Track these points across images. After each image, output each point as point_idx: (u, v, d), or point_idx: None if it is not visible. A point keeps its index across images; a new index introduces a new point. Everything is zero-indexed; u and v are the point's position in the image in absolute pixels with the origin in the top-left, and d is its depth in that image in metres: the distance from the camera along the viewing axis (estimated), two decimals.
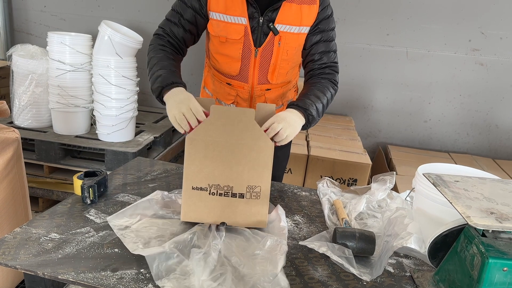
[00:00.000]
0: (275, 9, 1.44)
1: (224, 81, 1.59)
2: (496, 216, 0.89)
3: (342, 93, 3.49)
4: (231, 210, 1.21)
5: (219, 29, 1.47)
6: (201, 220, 1.22)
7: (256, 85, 1.56)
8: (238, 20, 1.44)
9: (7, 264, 1.01)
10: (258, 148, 1.18)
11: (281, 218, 1.28)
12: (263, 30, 1.46)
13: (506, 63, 3.21)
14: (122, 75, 2.46)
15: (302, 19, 1.47)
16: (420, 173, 1.22)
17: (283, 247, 1.13)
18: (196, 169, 1.19)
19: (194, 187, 1.20)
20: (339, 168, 2.55)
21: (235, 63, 1.52)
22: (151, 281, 0.97)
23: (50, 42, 2.52)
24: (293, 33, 1.48)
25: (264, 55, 1.50)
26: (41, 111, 2.69)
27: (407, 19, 3.23)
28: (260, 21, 1.45)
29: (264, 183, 1.21)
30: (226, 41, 1.48)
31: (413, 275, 1.09)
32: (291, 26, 1.47)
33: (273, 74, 1.54)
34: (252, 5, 1.43)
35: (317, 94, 1.45)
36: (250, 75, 1.54)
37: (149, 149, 2.73)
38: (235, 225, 1.22)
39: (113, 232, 1.17)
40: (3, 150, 1.63)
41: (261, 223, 1.23)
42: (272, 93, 1.61)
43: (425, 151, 3.34)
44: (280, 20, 1.45)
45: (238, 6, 1.43)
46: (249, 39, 1.47)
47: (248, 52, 1.49)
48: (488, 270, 0.85)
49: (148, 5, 3.49)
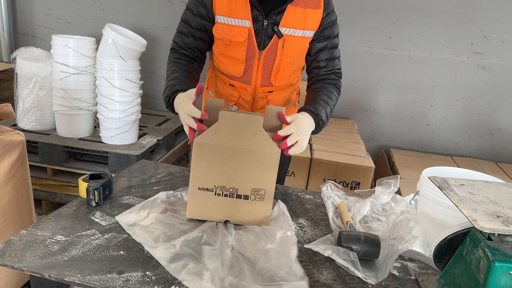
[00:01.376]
0: (279, 12, 1.45)
1: (227, 82, 1.60)
2: (503, 219, 0.89)
3: (345, 96, 3.50)
4: (236, 209, 1.24)
5: (223, 32, 1.48)
6: (206, 218, 1.25)
7: (258, 87, 1.57)
8: (242, 23, 1.45)
9: (13, 266, 1.01)
10: (265, 154, 1.19)
11: (284, 211, 1.35)
12: (267, 33, 1.47)
13: (508, 66, 3.21)
14: (125, 78, 2.47)
15: (307, 23, 1.48)
16: (425, 177, 1.23)
17: (293, 238, 1.19)
18: (203, 171, 1.22)
19: (200, 187, 1.23)
20: (342, 171, 2.55)
21: (239, 65, 1.53)
22: (157, 284, 0.98)
23: (54, 45, 2.53)
24: (297, 37, 1.49)
25: (268, 57, 1.51)
26: (45, 114, 2.70)
27: (410, 22, 3.24)
28: (265, 24, 1.46)
29: (269, 186, 1.22)
30: (230, 43, 1.49)
31: (418, 279, 1.09)
32: (295, 30, 1.47)
33: (276, 76, 1.55)
34: (256, 8, 1.44)
35: (325, 99, 1.46)
36: (253, 77, 1.55)
37: (152, 152, 2.74)
38: (239, 223, 1.25)
39: (119, 234, 1.17)
40: (8, 152, 1.63)
41: (264, 221, 1.26)
42: (274, 96, 1.62)
43: (428, 155, 3.34)
44: (285, 24, 1.46)
45: (242, 9, 1.44)
46: (253, 41, 1.48)
47: (252, 54, 1.50)
48: (494, 273, 0.85)
49: (152, 9, 3.51)
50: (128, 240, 1.15)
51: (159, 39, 3.48)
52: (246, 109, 1.64)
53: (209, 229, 1.19)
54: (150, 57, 3.49)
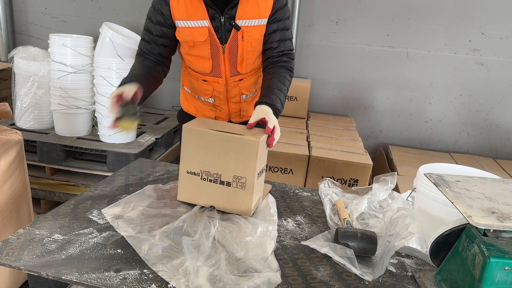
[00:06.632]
0: (233, 7, 1.52)
1: (200, 78, 1.69)
2: (497, 215, 0.90)
3: (343, 94, 3.50)
4: (219, 196, 1.32)
5: (185, 35, 1.56)
6: (193, 202, 1.35)
7: (229, 78, 1.66)
8: (201, 23, 1.53)
9: (11, 265, 1.01)
10: (244, 141, 1.27)
11: (271, 206, 1.39)
12: (226, 27, 1.55)
13: (506, 63, 3.21)
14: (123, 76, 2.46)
15: (260, 11, 1.55)
16: (421, 173, 1.23)
17: (273, 233, 1.23)
18: (190, 155, 1.32)
19: (188, 171, 1.33)
20: (340, 169, 2.55)
21: (206, 62, 1.61)
22: (154, 282, 0.98)
23: (51, 44, 2.52)
24: (254, 26, 1.57)
25: (231, 50, 1.59)
26: (43, 113, 2.69)
27: (407, 19, 3.23)
28: (222, 20, 1.53)
29: (249, 175, 1.28)
30: (194, 44, 1.57)
31: (415, 275, 1.10)
32: (251, 20, 1.55)
33: (242, 65, 1.63)
34: (211, 7, 1.51)
35: (279, 87, 1.53)
36: (222, 70, 1.64)
37: (151, 150, 2.74)
38: (223, 210, 1.33)
39: (116, 233, 1.18)
40: (5, 152, 1.63)
41: (246, 212, 1.31)
42: (244, 82, 1.71)
43: (426, 151, 3.34)
44: (240, 16, 1.53)
45: (198, 10, 1.52)
46: (214, 38, 1.56)
47: (216, 50, 1.58)
48: (490, 269, 0.86)
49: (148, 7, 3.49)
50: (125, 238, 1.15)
51: None
52: (221, 99, 1.72)
53: (191, 219, 1.22)
54: None
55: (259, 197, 1.39)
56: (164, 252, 1.08)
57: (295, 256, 1.15)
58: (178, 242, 1.12)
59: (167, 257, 1.07)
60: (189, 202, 1.35)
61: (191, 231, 1.17)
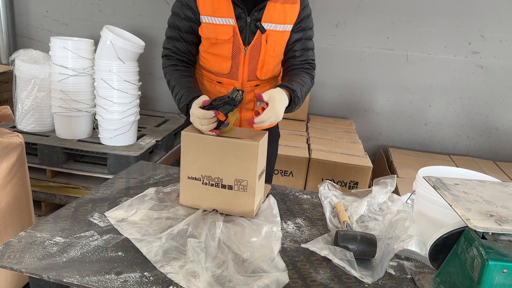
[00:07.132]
0: (260, 9, 1.51)
1: (214, 80, 1.65)
2: (496, 218, 0.90)
3: (343, 96, 3.51)
4: (222, 199, 1.33)
5: (208, 31, 1.53)
6: (196, 206, 1.36)
7: (245, 82, 1.62)
8: (227, 21, 1.51)
9: (12, 267, 1.02)
10: (244, 145, 1.27)
11: (273, 207, 1.40)
12: (251, 29, 1.53)
13: (506, 65, 3.22)
14: (124, 79, 2.48)
15: (286, 17, 1.55)
16: (420, 176, 1.23)
17: (278, 233, 1.24)
18: (191, 161, 1.32)
19: (189, 176, 1.34)
20: (340, 171, 2.56)
21: (225, 62, 1.58)
22: (155, 284, 0.99)
23: (52, 47, 2.54)
24: (279, 31, 1.56)
25: (253, 52, 1.57)
26: (44, 116, 2.70)
27: (407, 22, 3.24)
28: (248, 21, 1.52)
29: (250, 177, 1.29)
30: (216, 42, 1.54)
31: (414, 278, 1.10)
32: (277, 24, 1.54)
33: (262, 70, 1.61)
34: (239, 6, 1.50)
35: (301, 80, 1.53)
36: (240, 73, 1.60)
37: (151, 153, 2.74)
38: (226, 212, 1.34)
39: (117, 235, 1.18)
40: (7, 155, 1.64)
41: (249, 214, 1.33)
42: (260, 89, 1.66)
43: (426, 154, 3.35)
44: (266, 19, 1.52)
45: (224, 8, 1.50)
46: (238, 38, 1.54)
47: (237, 50, 1.56)
48: (488, 272, 0.86)
49: (149, 10, 3.52)
50: (126, 241, 1.16)
51: (157, 40, 3.48)
52: None
53: (196, 221, 1.23)
54: (148, 59, 3.50)
55: (261, 198, 1.40)
56: (171, 254, 1.09)
57: (295, 259, 1.15)
58: (184, 244, 1.12)
59: (174, 259, 1.08)
60: (192, 206, 1.36)
61: (196, 233, 1.17)
